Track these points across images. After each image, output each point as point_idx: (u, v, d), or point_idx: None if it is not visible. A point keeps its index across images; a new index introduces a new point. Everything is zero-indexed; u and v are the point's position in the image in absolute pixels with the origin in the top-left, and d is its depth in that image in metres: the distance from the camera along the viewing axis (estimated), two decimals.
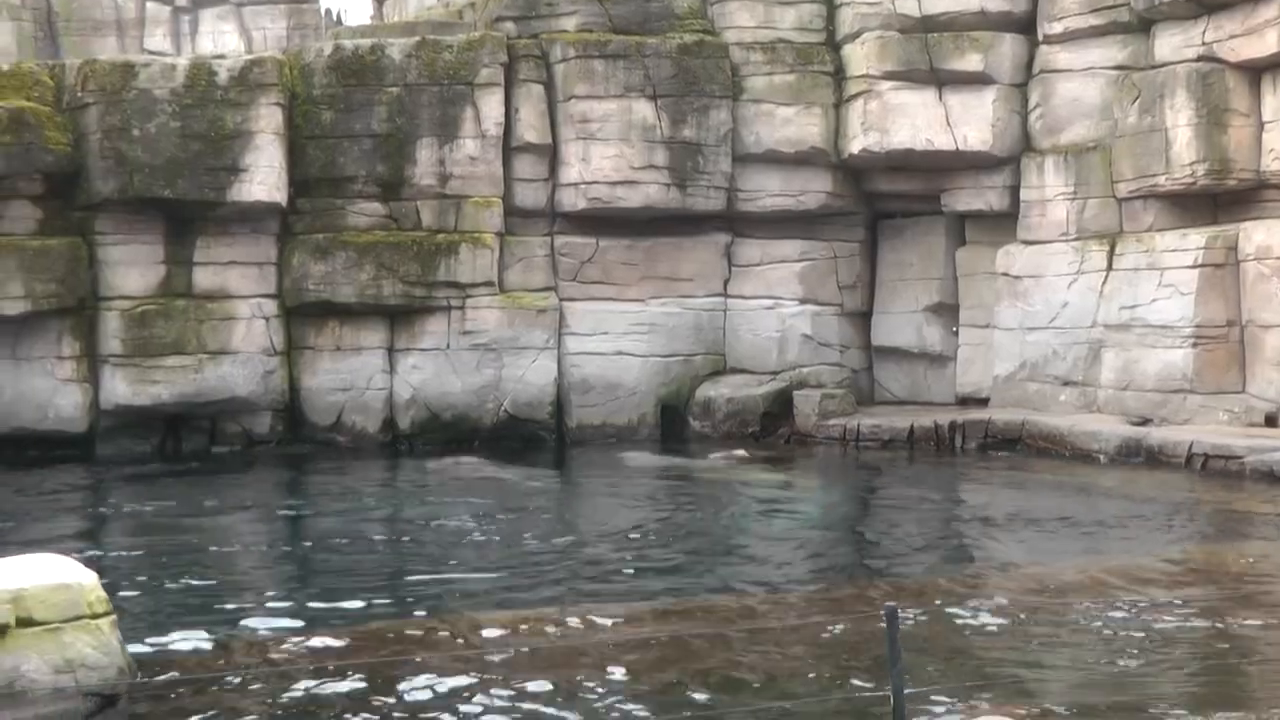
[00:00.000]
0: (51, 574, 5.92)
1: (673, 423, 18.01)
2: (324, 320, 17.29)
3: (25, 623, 5.61)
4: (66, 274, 16.37)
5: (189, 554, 10.28)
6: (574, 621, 7.57)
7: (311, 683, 6.47)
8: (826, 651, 7.00)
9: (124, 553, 10.50)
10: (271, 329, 17.10)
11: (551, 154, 17.73)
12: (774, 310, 18.40)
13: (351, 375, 17.26)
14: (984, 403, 17.60)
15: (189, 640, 7.29)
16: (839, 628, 7.43)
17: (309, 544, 10.87)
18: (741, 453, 16.13)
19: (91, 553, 9.87)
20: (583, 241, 17.99)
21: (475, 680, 6.51)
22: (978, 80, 17.40)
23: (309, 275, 17.04)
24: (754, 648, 7.10)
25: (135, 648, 6.65)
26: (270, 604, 8.48)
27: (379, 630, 7.50)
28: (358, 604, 8.33)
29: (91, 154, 16.42)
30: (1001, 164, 17.62)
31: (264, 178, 16.57)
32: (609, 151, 17.42)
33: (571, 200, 17.69)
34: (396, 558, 10.23)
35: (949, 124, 17.39)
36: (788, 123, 17.93)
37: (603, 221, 17.91)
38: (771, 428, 17.67)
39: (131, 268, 16.75)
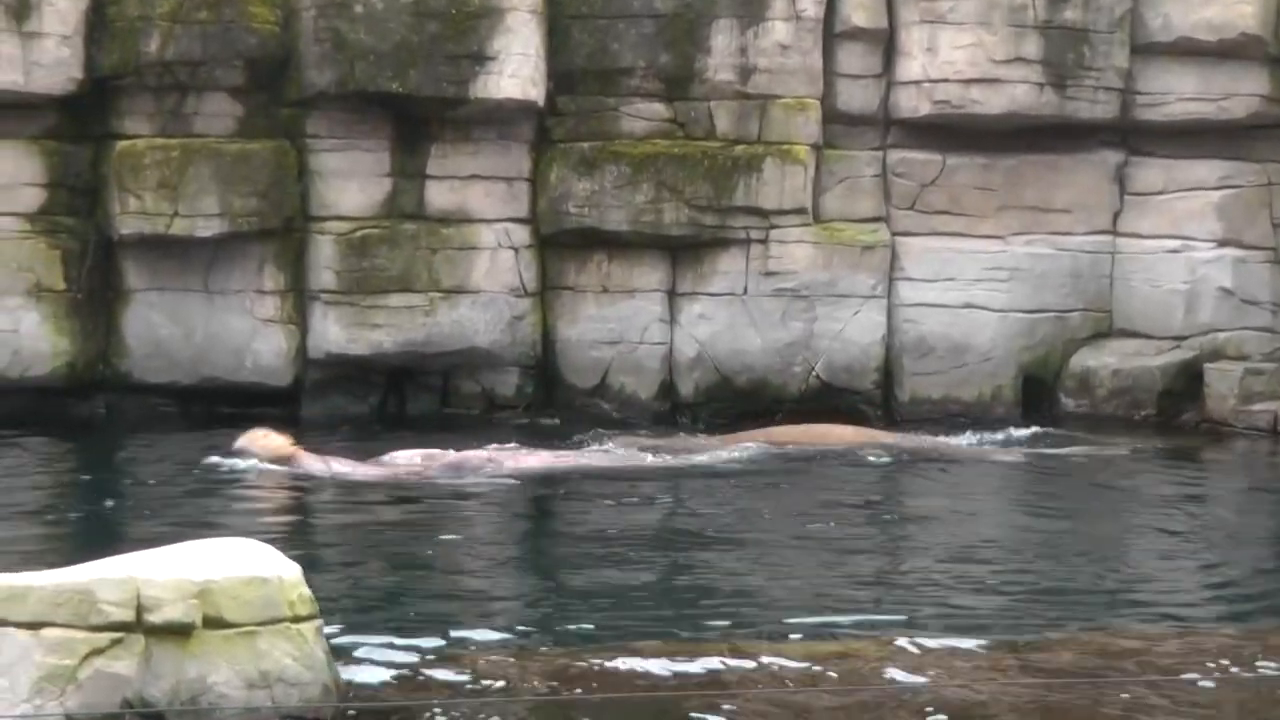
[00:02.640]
0: (245, 564, 6.08)
1: (1037, 399, 17.68)
2: (588, 253, 17.36)
3: (214, 623, 5.82)
4: (270, 187, 16.61)
5: (411, 546, 10.72)
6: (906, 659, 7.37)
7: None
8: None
9: (329, 541, 10.95)
10: (521, 262, 17.21)
11: (887, 42, 17.43)
12: (1181, 254, 17.68)
13: (621, 325, 17.35)
14: None
15: (408, 655, 7.39)
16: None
17: (561, 539, 11.12)
18: (1138, 444, 15.74)
19: (289, 540, 10.15)
20: (924, 159, 17.67)
21: None
22: None
23: (570, 195, 17.10)
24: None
25: (340, 662, 6.72)
26: (513, 617, 8.71)
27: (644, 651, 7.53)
28: (623, 622, 8.44)
29: (304, 37, 16.62)
30: None
31: (516, 68, 16.61)
32: (963, 39, 17.04)
33: (911, 103, 17.37)
34: (680, 567, 10.25)
35: None
36: (1209, 0, 17.08)
37: (952, 132, 17.53)
38: (1172, 411, 17.26)
39: (350, 181, 16.98)
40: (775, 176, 17.07)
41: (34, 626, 5.49)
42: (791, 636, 8.09)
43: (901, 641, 7.79)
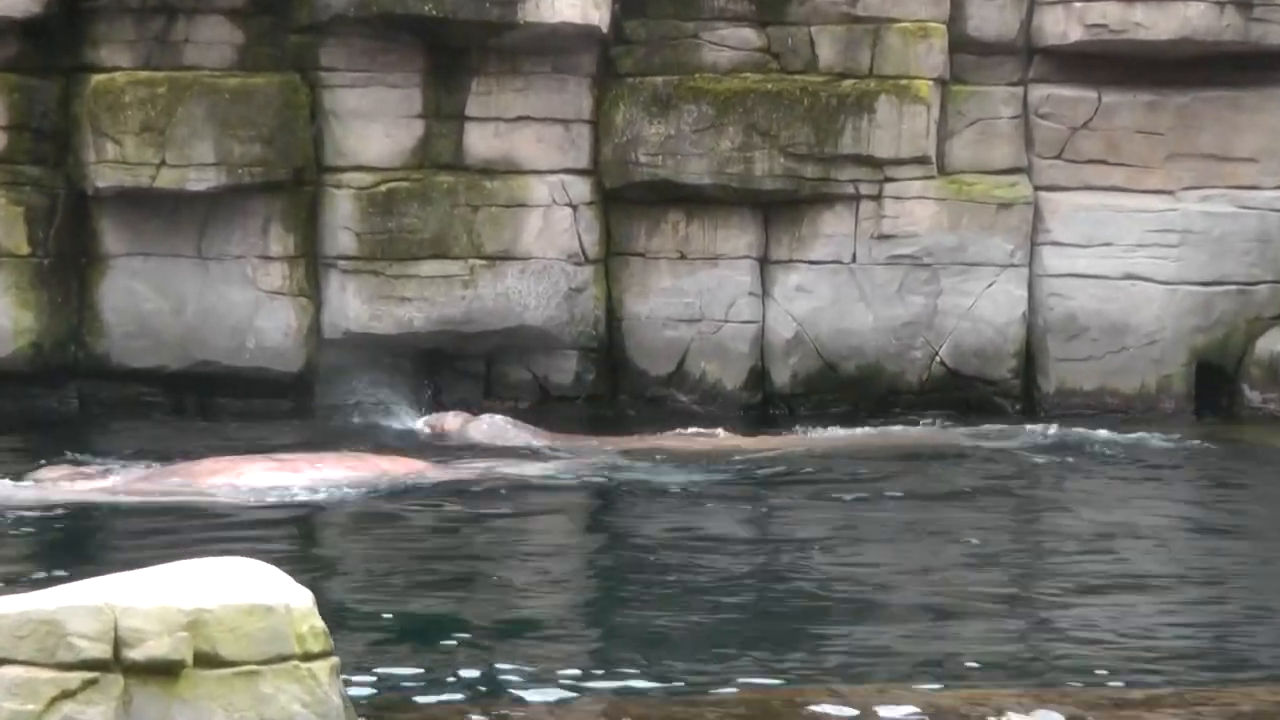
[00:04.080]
0: (245, 589, 6.03)
1: (1213, 391, 17.62)
2: (661, 212, 17.43)
3: (207, 661, 5.77)
4: (277, 131, 16.65)
5: (444, 566, 10.83)
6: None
7: None
8: None
9: (344, 562, 11.07)
10: (581, 222, 17.27)
11: None
12: None
13: (702, 299, 17.39)
14: None
15: (439, 701, 7.52)
16: None
17: (625, 563, 11.18)
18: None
19: (297, 561, 10.18)
20: (1075, 96, 17.63)
21: None
22: None
23: (640, 141, 17.16)
24: None
25: (358, 708, 6.70)
26: (566, 654, 8.78)
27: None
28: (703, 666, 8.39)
29: None
30: None
31: None
32: None
33: (1059, 27, 17.34)
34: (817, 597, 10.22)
35: None
36: None
37: (1109, 63, 17.47)
38: None
39: (373, 124, 17.02)
40: (891, 118, 17.04)
41: None
42: (908, 681, 8.09)
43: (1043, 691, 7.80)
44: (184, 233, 16.80)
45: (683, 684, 8.03)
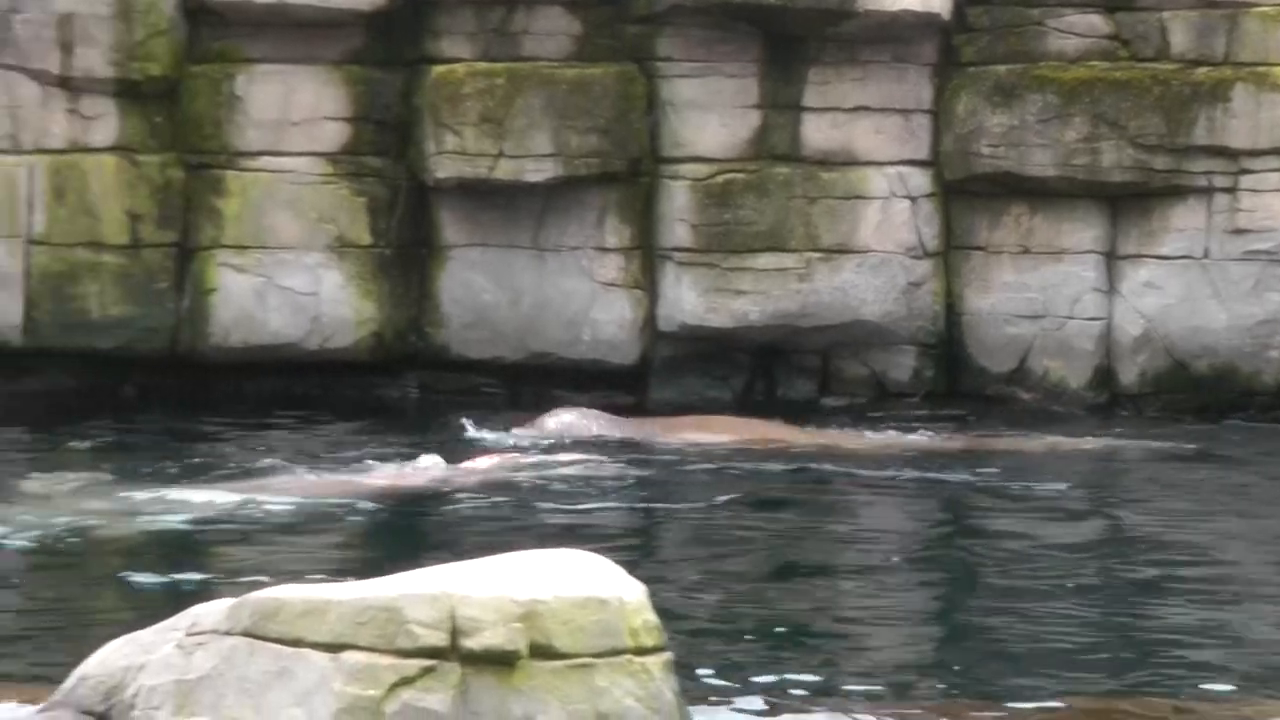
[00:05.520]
0: (579, 582, 5.98)
1: None
2: (1004, 205, 17.28)
3: (541, 652, 5.72)
4: (614, 122, 16.86)
5: (782, 554, 10.81)
6: None
7: None
8: None
9: (677, 557, 11.12)
10: (920, 216, 17.19)
11: None
12: None
13: (1045, 295, 17.18)
14: None
15: (773, 700, 7.36)
16: None
17: (940, 559, 11.08)
18: None
19: (628, 549, 10.36)
20: None
21: None
22: None
23: (982, 132, 17.02)
24: None
25: (696, 706, 6.68)
26: (909, 658, 8.66)
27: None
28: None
29: None
30: None
31: None
32: None
33: None
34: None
35: None
36: None
37: None
38: None
39: (710, 114, 17.14)
40: (1248, 107, 16.72)
41: (334, 649, 5.60)
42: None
43: None
44: (521, 224, 17.07)
45: (1013, 690, 7.92)
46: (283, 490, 12.45)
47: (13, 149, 16.34)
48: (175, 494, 12.18)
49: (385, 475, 13.20)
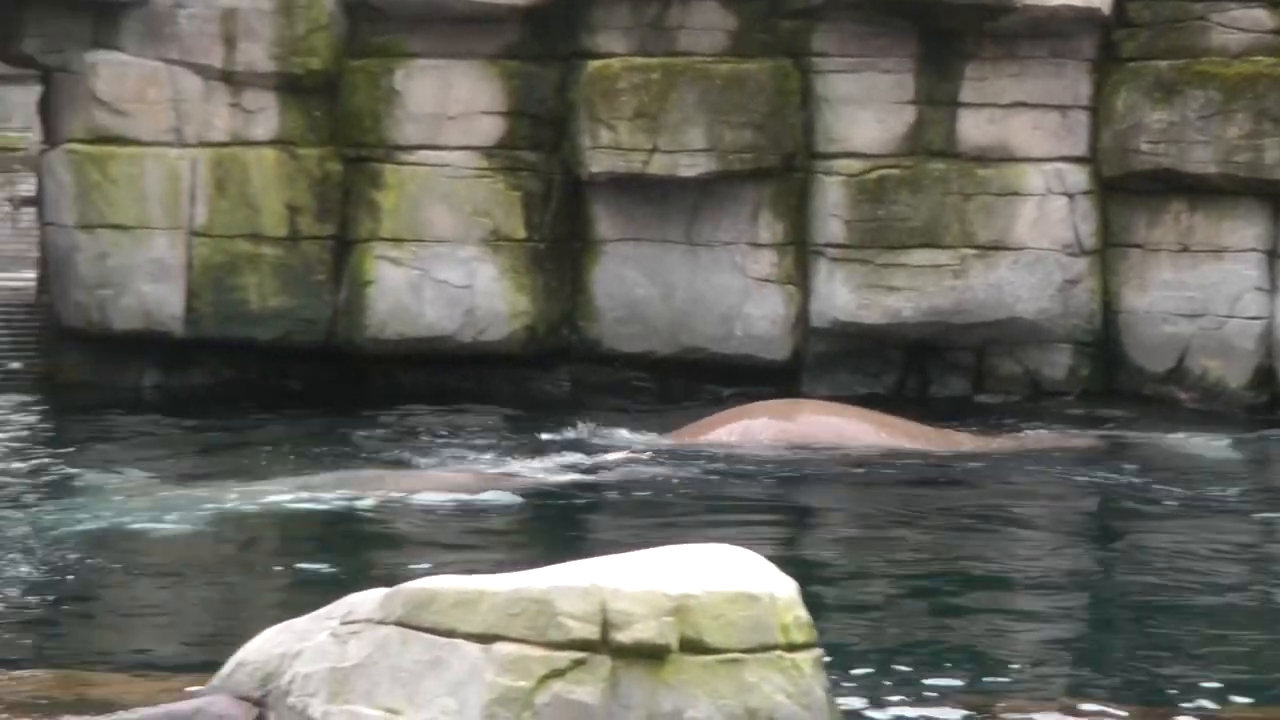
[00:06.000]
0: (730, 577, 5.97)
1: None
2: (1162, 202, 17.15)
3: (692, 647, 5.73)
4: (768, 117, 16.90)
5: (932, 550, 10.69)
6: None
7: None
8: None
9: (828, 553, 10.97)
10: (1077, 213, 17.12)
11: None
12: None
13: (1204, 294, 17.03)
14: None
15: (923, 699, 7.38)
16: None
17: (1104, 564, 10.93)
18: None
19: (776, 545, 10.30)
20: None
21: None
22: None
23: (1142, 128, 16.91)
24: None
25: (846, 702, 6.69)
26: (1067, 659, 8.52)
27: None
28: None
29: None
30: None
31: None
32: None
33: None
34: None
35: None
36: None
37: None
38: None
39: (864, 110, 17.17)
40: None
41: (485, 639, 5.65)
42: None
43: None
44: (674, 219, 17.13)
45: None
46: (434, 482, 12.57)
47: (176, 142, 16.69)
48: (330, 484, 12.32)
49: (535, 467, 13.29)
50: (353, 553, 10.66)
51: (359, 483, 12.36)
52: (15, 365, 17.66)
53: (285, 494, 11.90)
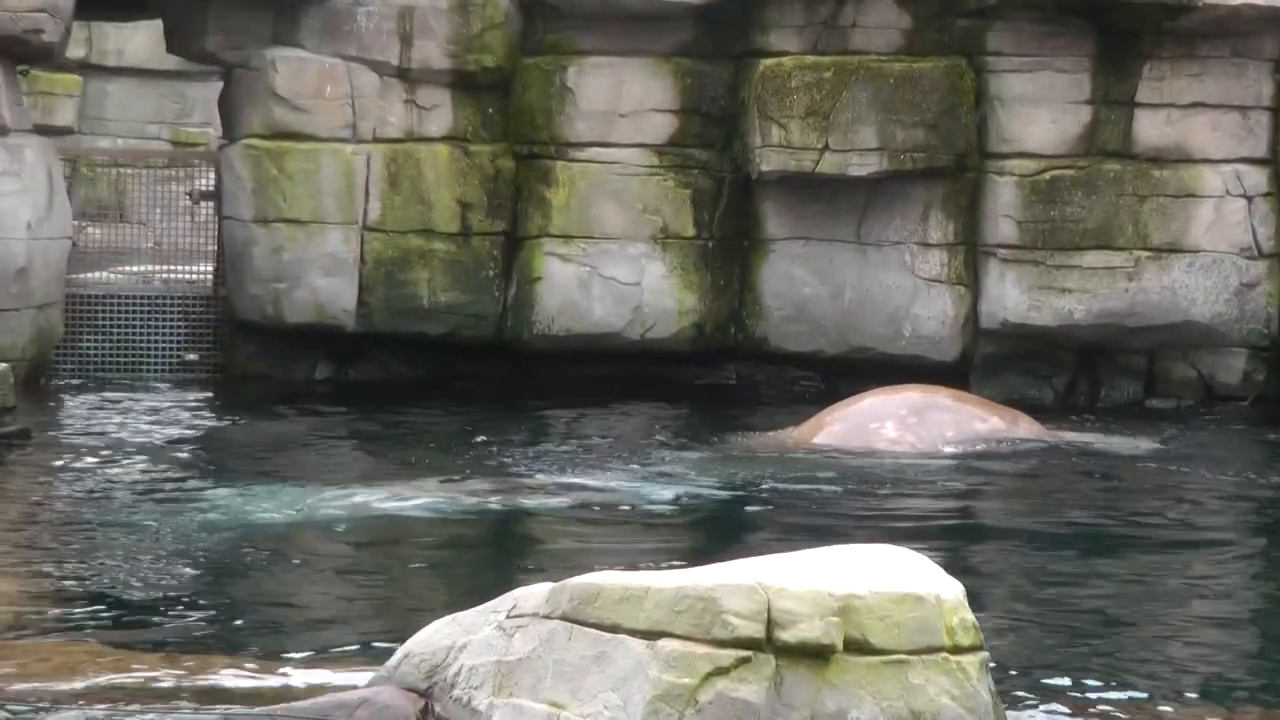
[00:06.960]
0: (895, 578, 5.98)
1: None
2: None
3: (856, 647, 5.74)
4: (941, 116, 16.84)
5: (1105, 567, 10.55)
6: None
7: None
8: None
9: (996, 555, 10.93)
10: (1256, 215, 16.93)
11: None
12: None
13: None
14: None
15: (1090, 707, 7.26)
16: None
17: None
18: None
19: (945, 547, 10.23)
20: None
21: None
22: None
23: None
24: None
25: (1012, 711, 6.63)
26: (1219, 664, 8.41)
27: None
28: None
29: None
30: None
31: None
32: None
33: None
34: None
35: None
36: None
37: None
38: None
39: (1039, 109, 17.05)
40: None
41: (650, 635, 5.66)
42: None
43: None
44: (844, 218, 17.09)
45: None
46: (597, 477, 12.63)
47: (352, 138, 16.87)
48: (498, 477, 12.42)
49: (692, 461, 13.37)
50: (521, 546, 10.75)
51: (533, 475, 12.49)
52: (192, 357, 17.92)
53: (451, 487, 11.98)
